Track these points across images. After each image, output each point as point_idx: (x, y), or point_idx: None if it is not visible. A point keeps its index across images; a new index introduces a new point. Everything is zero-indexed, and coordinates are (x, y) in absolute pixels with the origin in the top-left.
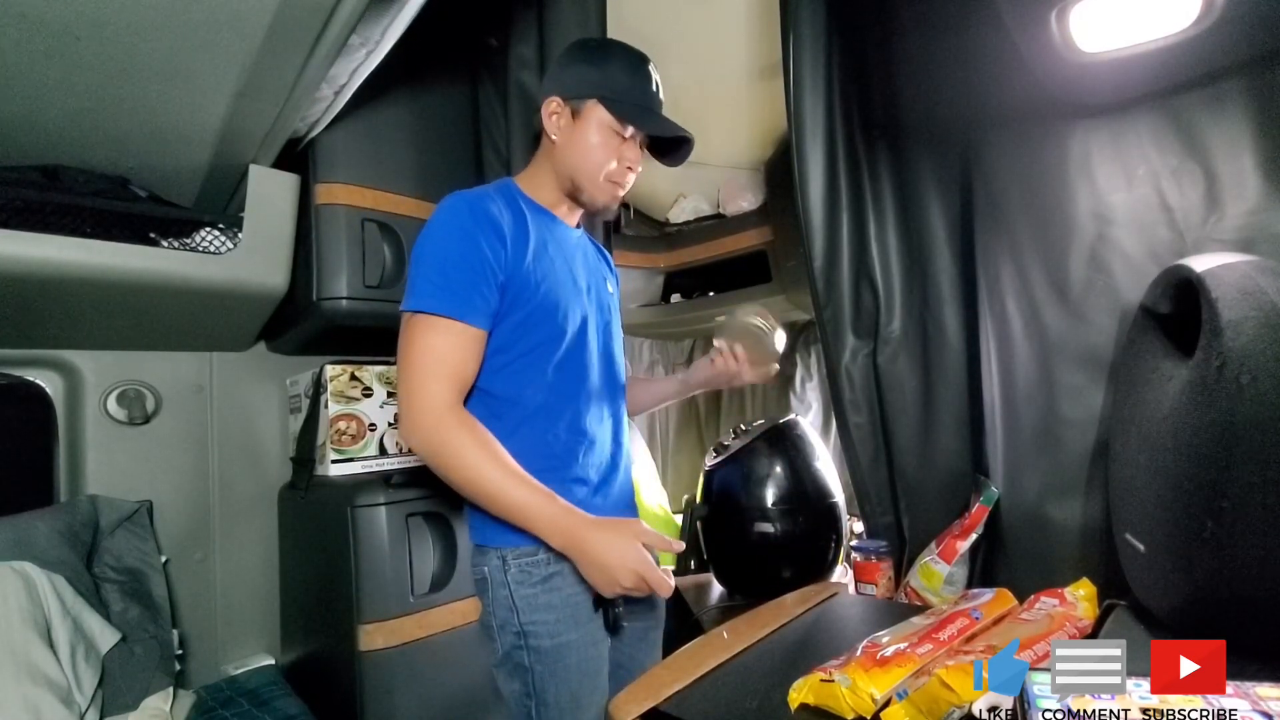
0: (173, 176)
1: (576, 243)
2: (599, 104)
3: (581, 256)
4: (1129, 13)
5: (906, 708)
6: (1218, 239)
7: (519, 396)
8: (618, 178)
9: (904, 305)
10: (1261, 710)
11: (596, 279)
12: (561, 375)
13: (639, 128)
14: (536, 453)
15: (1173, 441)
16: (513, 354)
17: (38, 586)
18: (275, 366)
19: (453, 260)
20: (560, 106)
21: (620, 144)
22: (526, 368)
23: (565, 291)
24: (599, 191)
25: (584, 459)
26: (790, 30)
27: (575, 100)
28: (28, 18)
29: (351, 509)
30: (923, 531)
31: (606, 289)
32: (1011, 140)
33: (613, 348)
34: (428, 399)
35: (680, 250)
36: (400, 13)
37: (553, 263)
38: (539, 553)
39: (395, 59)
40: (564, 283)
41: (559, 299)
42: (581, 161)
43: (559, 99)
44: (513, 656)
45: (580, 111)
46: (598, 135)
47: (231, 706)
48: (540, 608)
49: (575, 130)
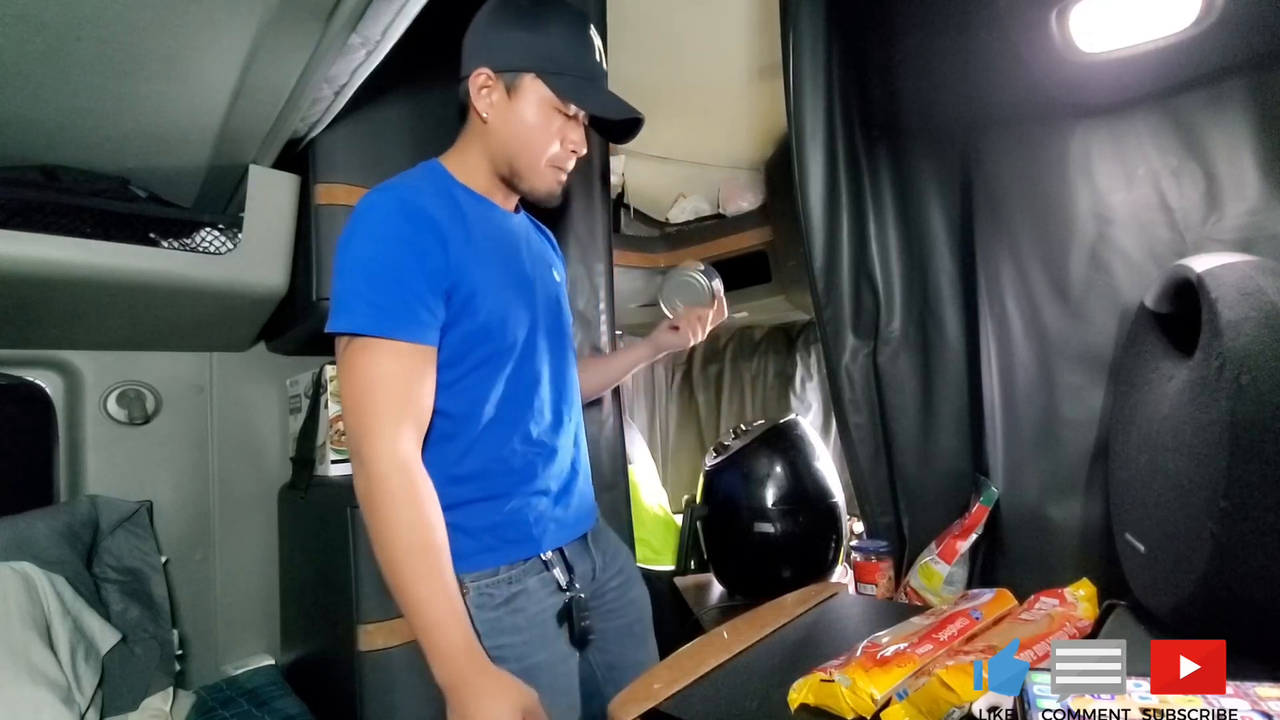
0: (172, 177)
1: (519, 230)
2: (538, 78)
3: (526, 247)
4: (1129, 13)
5: (906, 708)
6: (1218, 239)
7: (470, 413)
8: (560, 162)
9: (904, 305)
10: (1261, 710)
11: (542, 268)
12: (514, 385)
13: (586, 107)
14: (495, 471)
15: (1173, 441)
16: (461, 369)
17: (38, 586)
18: (275, 366)
19: (387, 269)
20: (491, 79)
21: (563, 123)
22: (477, 383)
23: (511, 294)
24: (539, 179)
25: (544, 471)
26: (790, 30)
27: (509, 73)
28: (27, 17)
29: (351, 509)
30: (923, 531)
31: (553, 277)
32: (1011, 140)
33: (564, 345)
34: (380, 448)
35: (680, 250)
36: (400, 13)
37: (496, 262)
38: (498, 572)
39: (395, 59)
40: (509, 284)
41: (506, 304)
42: (519, 145)
43: (488, 70)
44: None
45: (515, 86)
46: (538, 114)
47: (231, 706)
48: (505, 630)
49: (510, 108)
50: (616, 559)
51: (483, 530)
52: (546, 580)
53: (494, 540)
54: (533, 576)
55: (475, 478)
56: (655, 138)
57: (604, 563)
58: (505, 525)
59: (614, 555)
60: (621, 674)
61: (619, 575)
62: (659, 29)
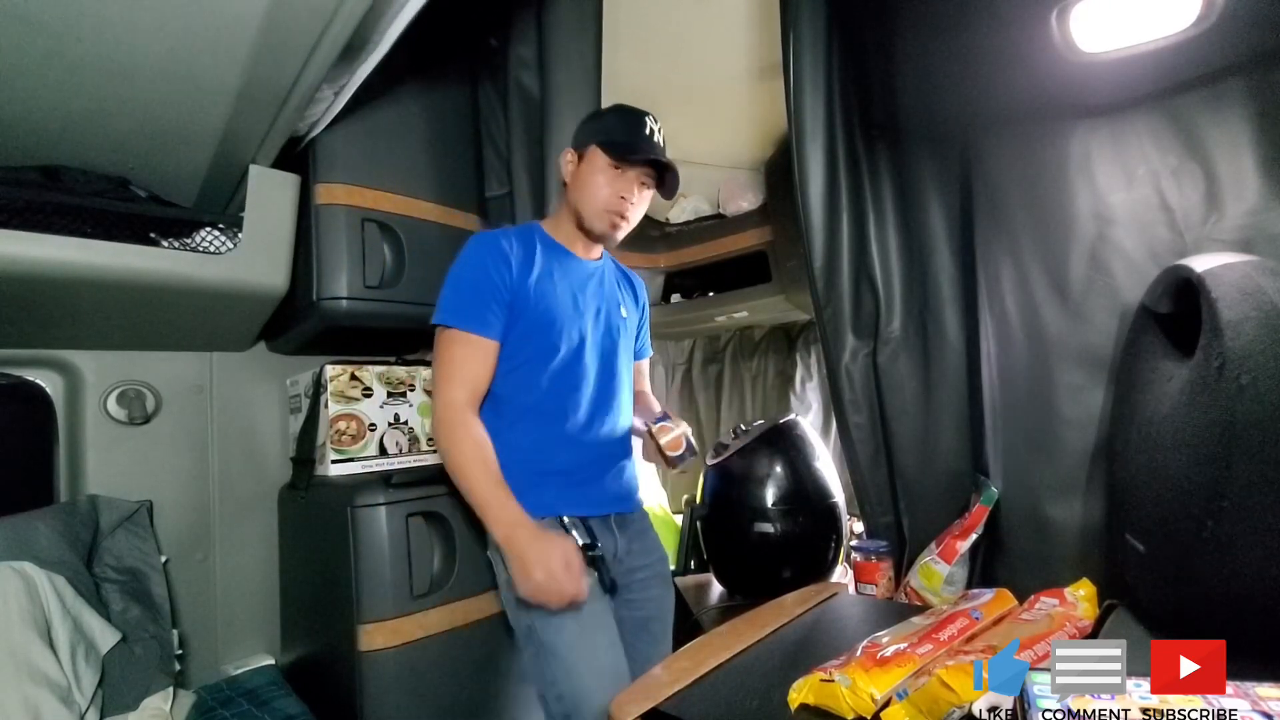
0: (173, 177)
1: (592, 273)
2: (598, 148)
3: (595, 285)
4: (1129, 13)
5: (906, 708)
6: (1218, 239)
7: (515, 398)
8: (614, 207)
9: (904, 305)
10: (1261, 710)
11: (610, 304)
12: (555, 383)
13: (626, 160)
14: (528, 446)
15: (1173, 441)
16: (515, 362)
17: (38, 586)
18: (275, 366)
19: (467, 283)
20: (572, 156)
21: (614, 177)
22: (526, 375)
23: (564, 312)
24: (597, 220)
25: (568, 457)
26: (790, 30)
27: (581, 148)
28: (29, 19)
29: (351, 509)
30: (923, 531)
31: (619, 313)
32: (1012, 140)
33: (615, 364)
34: (445, 400)
35: (680, 250)
36: (400, 13)
37: (555, 287)
38: None
39: (395, 59)
40: (563, 304)
41: (555, 317)
42: (583, 195)
43: (571, 150)
44: (519, 618)
45: (584, 156)
46: (596, 173)
47: (231, 706)
48: None
49: (580, 172)
50: (647, 554)
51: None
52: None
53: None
54: (552, 533)
55: (514, 448)
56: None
57: (629, 549)
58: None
59: (645, 550)
60: (634, 664)
61: (645, 570)
62: (660, 29)
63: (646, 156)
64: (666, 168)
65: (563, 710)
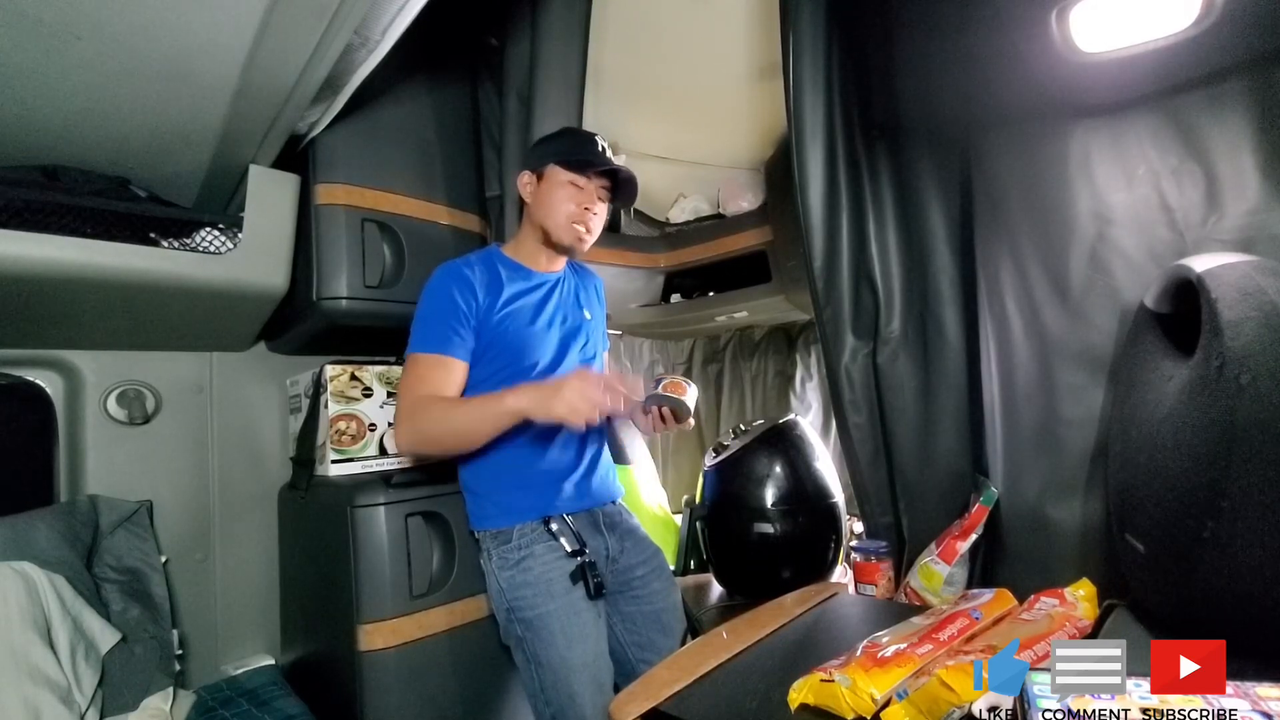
0: (173, 177)
1: (556, 283)
2: (555, 165)
3: (558, 298)
4: (1129, 13)
5: (906, 708)
6: (1218, 239)
7: None
8: (578, 219)
9: (904, 305)
10: (1261, 710)
11: (573, 311)
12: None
13: (584, 171)
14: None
15: (1173, 441)
16: (487, 385)
17: (38, 586)
18: (275, 366)
19: (431, 311)
20: (529, 177)
21: (575, 192)
22: (494, 387)
23: (530, 332)
24: (564, 233)
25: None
26: (790, 30)
27: (538, 168)
28: (28, 17)
29: (351, 509)
30: (923, 532)
31: (583, 315)
32: (1012, 140)
33: (586, 364)
34: (403, 403)
35: (680, 250)
36: (400, 13)
37: (520, 309)
38: (511, 539)
39: (395, 59)
40: (529, 324)
41: (523, 338)
42: (548, 211)
43: (527, 172)
44: (509, 629)
45: (543, 175)
46: (557, 188)
47: (231, 706)
48: (519, 585)
49: (541, 190)
50: (642, 552)
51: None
52: (554, 547)
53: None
54: (539, 544)
55: (492, 457)
56: (655, 138)
57: (621, 548)
58: (512, 492)
59: (638, 548)
60: (650, 653)
61: (644, 565)
62: (660, 29)
63: (608, 166)
64: (623, 180)
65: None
